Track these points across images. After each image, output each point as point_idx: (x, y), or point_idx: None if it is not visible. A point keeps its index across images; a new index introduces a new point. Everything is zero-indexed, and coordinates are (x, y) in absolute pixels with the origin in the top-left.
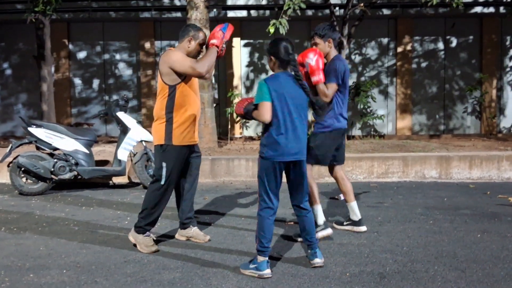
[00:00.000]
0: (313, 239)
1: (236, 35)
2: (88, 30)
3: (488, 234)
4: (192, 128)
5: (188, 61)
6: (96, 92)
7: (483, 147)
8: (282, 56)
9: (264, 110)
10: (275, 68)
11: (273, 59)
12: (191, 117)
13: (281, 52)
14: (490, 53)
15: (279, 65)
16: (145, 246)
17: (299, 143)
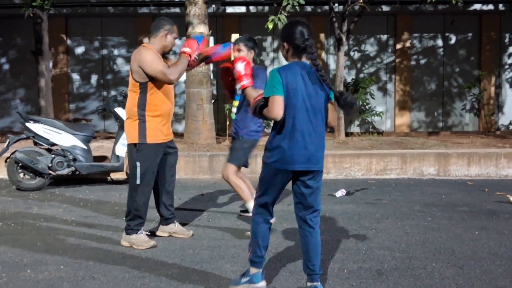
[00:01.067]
0: (315, 268)
1: (235, 31)
2: (86, 25)
3: (486, 231)
4: (166, 125)
5: (159, 66)
6: (94, 88)
7: (481, 144)
8: (297, 42)
9: (275, 105)
10: (289, 57)
11: (286, 46)
12: (165, 113)
13: (296, 37)
14: (489, 50)
15: (293, 53)
16: (141, 243)
17: (313, 150)
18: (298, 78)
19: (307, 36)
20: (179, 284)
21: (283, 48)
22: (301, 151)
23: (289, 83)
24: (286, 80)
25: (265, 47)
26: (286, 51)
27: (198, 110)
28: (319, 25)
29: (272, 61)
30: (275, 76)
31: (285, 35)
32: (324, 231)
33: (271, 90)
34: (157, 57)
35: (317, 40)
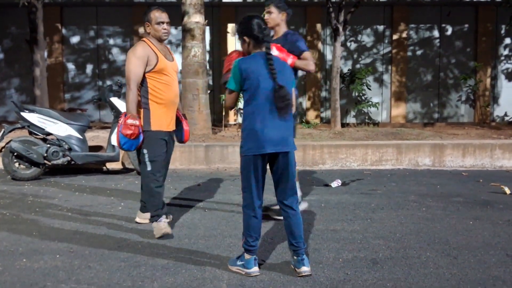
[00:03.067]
0: (299, 244)
1: (231, 21)
2: (81, 14)
3: (480, 221)
4: (170, 114)
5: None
6: (90, 77)
7: (477, 135)
8: (256, 34)
9: (228, 98)
10: (251, 49)
11: (246, 40)
12: (167, 102)
13: (254, 29)
14: (485, 42)
15: (254, 45)
16: (157, 231)
17: (281, 132)
18: (260, 67)
19: (265, 27)
20: (175, 273)
21: (244, 42)
22: (273, 133)
23: (251, 73)
24: (247, 70)
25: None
26: (248, 44)
27: (194, 101)
28: (315, 16)
29: None
30: (235, 68)
31: (245, 29)
32: (320, 221)
33: (230, 81)
34: (135, 58)
35: (314, 30)
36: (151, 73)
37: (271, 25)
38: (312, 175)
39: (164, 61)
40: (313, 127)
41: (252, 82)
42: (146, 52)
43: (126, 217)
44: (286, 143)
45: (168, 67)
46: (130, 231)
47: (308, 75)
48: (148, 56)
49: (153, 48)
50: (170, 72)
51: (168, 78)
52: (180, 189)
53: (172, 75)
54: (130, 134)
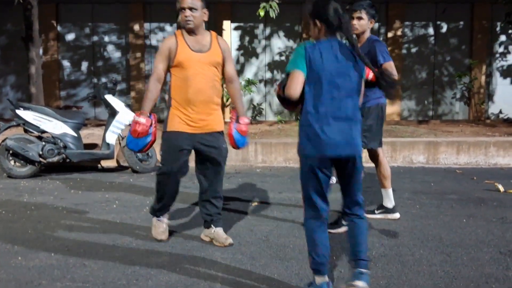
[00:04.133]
0: (361, 255)
1: (227, 18)
2: (77, 11)
3: (474, 219)
4: (194, 114)
5: (155, 63)
6: (85, 75)
7: (471, 133)
8: (331, 19)
9: (293, 81)
10: (321, 36)
11: (318, 24)
12: (187, 101)
13: (329, 13)
14: (480, 39)
15: (325, 32)
16: (154, 230)
17: (348, 134)
18: (330, 55)
19: (342, 12)
20: (170, 272)
21: (315, 25)
22: (338, 135)
23: (318, 61)
24: (314, 56)
25: (256, 34)
26: (318, 29)
27: None
28: None
29: (264, 48)
30: (300, 50)
31: (318, 12)
32: None
33: (293, 64)
34: (158, 52)
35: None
36: (172, 68)
37: (358, 31)
38: None
39: (184, 53)
40: None
41: (319, 72)
42: (168, 45)
43: (121, 215)
44: (352, 145)
45: (191, 60)
46: (125, 230)
47: None
48: (169, 49)
49: (178, 39)
50: (193, 66)
51: (189, 72)
52: None
53: (197, 68)
54: (133, 131)
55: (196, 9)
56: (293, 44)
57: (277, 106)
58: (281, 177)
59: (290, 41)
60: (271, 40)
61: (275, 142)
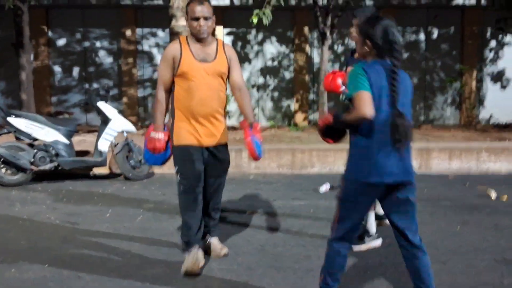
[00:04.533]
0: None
1: (219, 23)
2: (67, 16)
3: (468, 225)
4: (195, 126)
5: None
6: (76, 81)
7: (463, 138)
8: (382, 42)
9: (363, 102)
10: (369, 56)
11: (368, 44)
12: (191, 112)
13: (382, 36)
14: (471, 45)
15: (376, 53)
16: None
17: (404, 159)
18: (383, 77)
19: (396, 36)
20: (166, 284)
21: (364, 44)
22: (395, 160)
23: (376, 82)
24: (373, 77)
25: (249, 40)
26: (368, 50)
27: None
28: (303, 19)
29: (256, 54)
30: (360, 72)
31: (370, 32)
32: (310, 227)
33: (356, 86)
34: (161, 60)
35: (301, 33)
36: (175, 78)
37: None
38: (300, 179)
39: (188, 63)
40: (301, 130)
41: (379, 96)
42: (173, 52)
43: (115, 225)
44: (409, 171)
45: (195, 70)
46: (119, 240)
47: (296, 77)
48: (173, 57)
49: (183, 47)
50: (197, 76)
51: (192, 83)
52: (169, 195)
53: (201, 79)
54: (152, 148)
55: (210, 18)
56: (285, 50)
57: (269, 111)
58: (275, 184)
59: (283, 46)
60: (264, 46)
61: (269, 148)
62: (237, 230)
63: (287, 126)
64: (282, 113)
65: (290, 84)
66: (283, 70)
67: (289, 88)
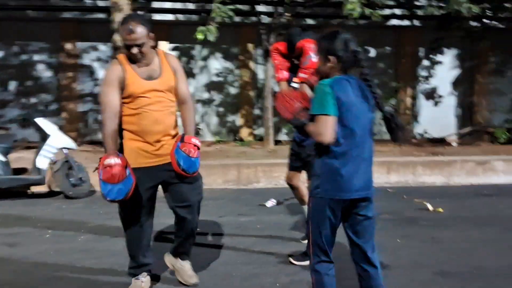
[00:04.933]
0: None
1: (164, 38)
2: (5, 29)
3: (408, 239)
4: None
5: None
6: (13, 94)
7: (400, 152)
8: (346, 55)
9: (325, 126)
10: (334, 72)
11: (331, 60)
12: (141, 132)
13: (344, 48)
14: (405, 64)
15: (341, 68)
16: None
17: (368, 175)
18: (350, 93)
19: (357, 48)
20: None
21: (327, 61)
22: (361, 176)
23: (343, 99)
24: (340, 95)
25: (194, 55)
26: (331, 65)
27: None
28: (247, 35)
29: (201, 69)
30: (326, 91)
31: (332, 47)
32: (257, 244)
33: (321, 106)
34: (105, 85)
35: (246, 50)
36: (123, 100)
37: None
38: (247, 195)
39: (135, 83)
40: (247, 145)
41: (347, 114)
42: (116, 74)
43: (55, 246)
44: (370, 186)
45: (143, 88)
46: (61, 261)
47: (241, 92)
48: (118, 79)
49: (125, 67)
50: (146, 95)
51: (142, 103)
52: (111, 214)
53: (151, 97)
54: (110, 177)
55: (144, 42)
56: (230, 65)
57: (215, 126)
58: (221, 200)
59: (228, 62)
60: (209, 61)
61: (214, 164)
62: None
63: (233, 141)
64: (227, 128)
65: (235, 100)
66: (228, 86)
67: (234, 103)
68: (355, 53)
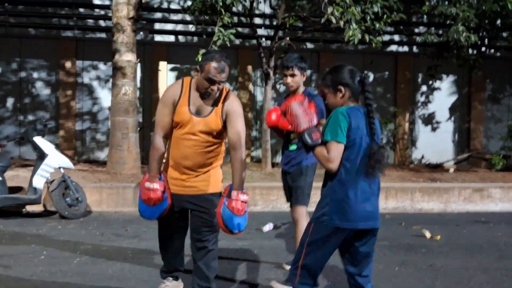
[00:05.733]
0: None
1: (163, 59)
2: (4, 46)
3: (406, 266)
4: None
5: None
6: (10, 112)
7: (397, 177)
8: (354, 84)
9: (335, 154)
10: (345, 102)
11: (343, 90)
12: (174, 161)
13: (352, 77)
14: (403, 89)
15: (350, 97)
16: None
17: (375, 206)
18: (362, 121)
19: (364, 77)
20: None
21: (338, 92)
22: (369, 205)
23: (357, 128)
24: (355, 123)
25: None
26: (342, 95)
27: (123, 139)
28: (246, 58)
29: None
30: (343, 117)
31: (343, 79)
32: (254, 269)
33: (334, 133)
34: (161, 101)
35: (245, 72)
36: (174, 123)
37: (294, 88)
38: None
39: (181, 113)
40: None
41: (355, 141)
42: (173, 96)
43: (50, 268)
44: (377, 217)
45: (186, 122)
46: (55, 285)
47: None
48: (173, 101)
49: (183, 93)
50: (186, 128)
51: (180, 134)
52: (108, 235)
53: (189, 132)
54: (147, 200)
55: (224, 82)
56: (230, 87)
57: None
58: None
59: (226, 84)
60: None
61: None
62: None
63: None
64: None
65: None
66: None
67: None
68: (362, 81)
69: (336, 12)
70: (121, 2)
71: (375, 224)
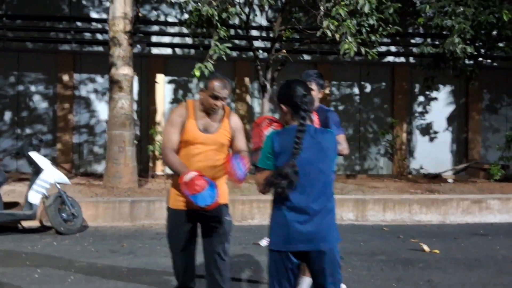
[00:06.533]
0: None
1: (160, 71)
2: (1, 59)
3: (403, 282)
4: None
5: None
6: (8, 125)
7: (395, 188)
8: (295, 101)
9: (257, 178)
10: (290, 120)
11: (284, 108)
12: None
13: (294, 95)
14: (400, 99)
15: (292, 115)
16: None
17: (320, 225)
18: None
19: (304, 93)
20: None
21: (282, 111)
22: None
23: (282, 150)
24: (281, 144)
25: (190, 88)
26: (285, 114)
27: (120, 153)
28: (244, 70)
29: None
30: (268, 141)
31: (282, 96)
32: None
33: (260, 158)
34: (169, 124)
35: (242, 84)
36: (181, 143)
37: None
38: (241, 232)
39: (191, 132)
40: None
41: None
42: (181, 118)
43: (44, 287)
44: (323, 238)
45: (196, 139)
46: None
47: None
48: (181, 122)
49: (189, 114)
50: (196, 145)
51: (191, 151)
52: (103, 252)
53: (200, 149)
54: (195, 189)
55: (226, 98)
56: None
57: None
58: None
59: None
60: None
61: None
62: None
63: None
64: None
65: None
66: None
67: None
68: (297, 97)
69: (331, 26)
70: (118, 16)
71: (317, 246)
